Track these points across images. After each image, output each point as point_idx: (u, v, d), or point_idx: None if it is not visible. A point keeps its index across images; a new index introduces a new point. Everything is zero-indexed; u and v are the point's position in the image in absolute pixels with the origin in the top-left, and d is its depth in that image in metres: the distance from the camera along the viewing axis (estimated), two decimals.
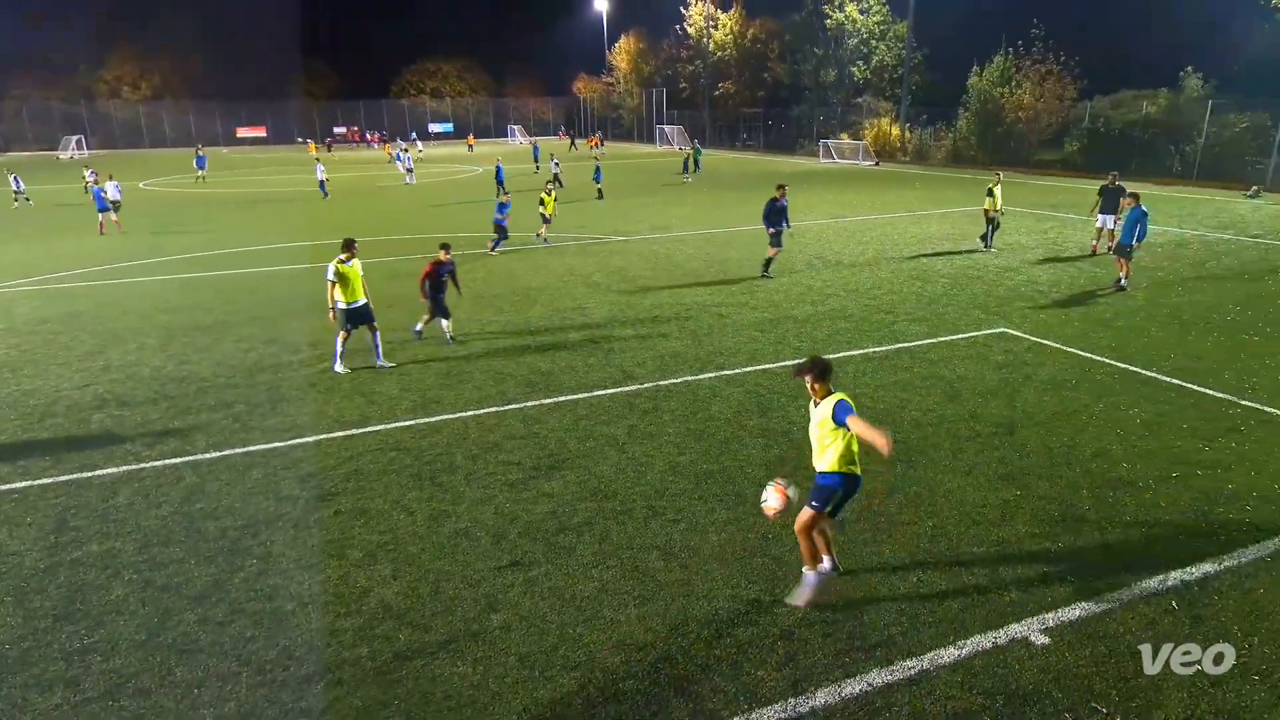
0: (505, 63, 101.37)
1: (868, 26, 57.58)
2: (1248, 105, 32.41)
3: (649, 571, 6.03)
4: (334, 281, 10.45)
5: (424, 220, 26.43)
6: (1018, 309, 13.34)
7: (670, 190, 34.76)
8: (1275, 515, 6.62)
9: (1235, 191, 29.74)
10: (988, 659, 5.00)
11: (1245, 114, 32.35)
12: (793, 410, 9.10)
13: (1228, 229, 21.48)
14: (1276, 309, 13.07)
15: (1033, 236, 20.55)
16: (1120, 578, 5.79)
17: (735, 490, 7.26)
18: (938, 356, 10.95)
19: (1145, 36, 43.64)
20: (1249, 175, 30.62)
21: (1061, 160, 40.43)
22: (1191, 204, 26.84)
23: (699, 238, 21.59)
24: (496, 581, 5.95)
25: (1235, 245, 19.07)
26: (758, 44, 69.46)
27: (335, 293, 10.48)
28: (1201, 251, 18.26)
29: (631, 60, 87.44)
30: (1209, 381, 9.75)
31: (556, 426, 8.84)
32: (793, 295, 14.72)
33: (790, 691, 4.77)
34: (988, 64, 43.02)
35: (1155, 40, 41.99)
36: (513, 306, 14.35)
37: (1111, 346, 11.21)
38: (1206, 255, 17.80)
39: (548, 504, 7.10)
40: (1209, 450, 7.87)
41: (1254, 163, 31.28)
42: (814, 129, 58.07)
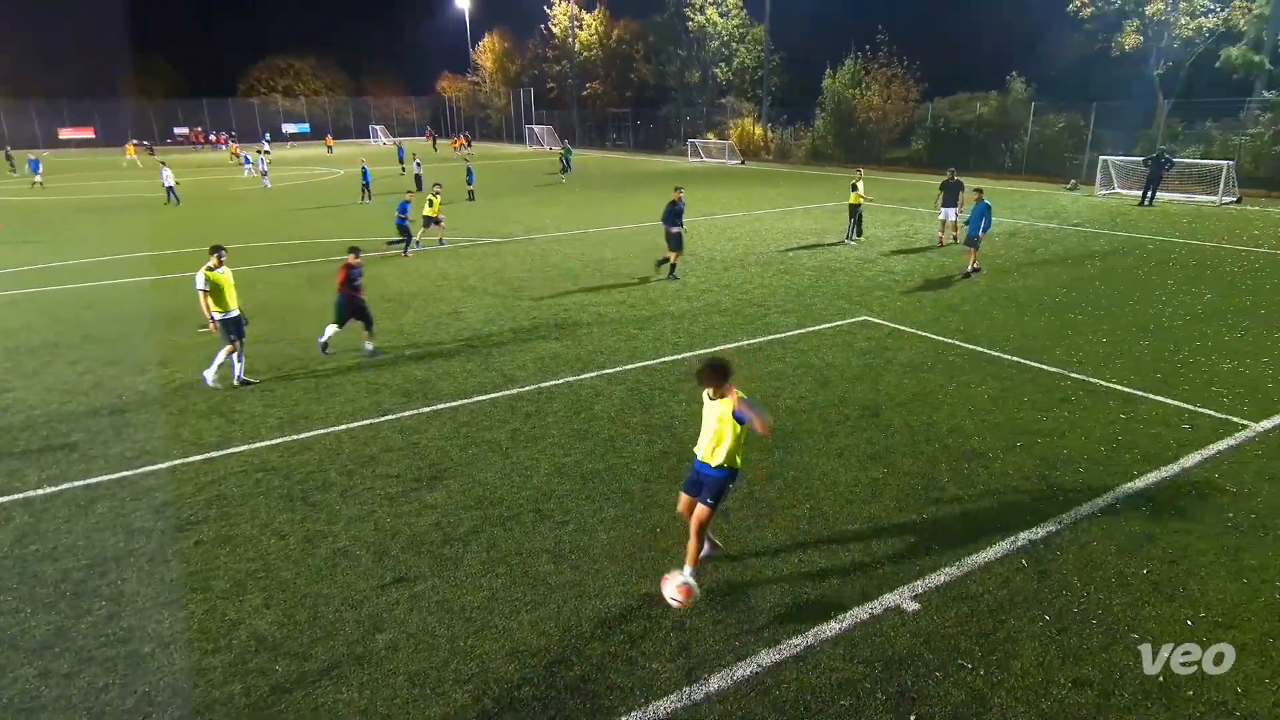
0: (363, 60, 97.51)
1: (728, 29, 59.48)
2: (1064, 107, 35.91)
3: (539, 576, 5.98)
4: (206, 291, 9.71)
5: (282, 226, 24.96)
6: (877, 298, 14.17)
7: (544, 190, 34.55)
8: (1103, 475, 7.38)
9: (1057, 184, 32.89)
10: (865, 629, 5.30)
11: (1063, 115, 35.82)
12: (674, 405, 9.27)
13: (1053, 219, 23.71)
14: (1095, 290, 14.56)
15: (887, 230, 21.89)
16: (978, 542, 6.28)
17: (622, 488, 7.32)
18: (807, 346, 11.47)
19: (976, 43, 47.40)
20: (1068, 170, 33.94)
21: (909, 157, 43.30)
22: (1021, 196, 29.43)
23: (574, 238, 21.58)
24: (380, 600, 5.72)
25: (1059, 233, 21.08)
26: (623, 45, 70.21)
27: (209, 303, 9.76)
28: (1031, 240, 20.05)
29: (496, 59, 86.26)
30: (1043, 358, 10.73)
31: (436, 435, 8.60)
32: (668, 292, 14.99)
33: (685, 681, 4.87)
34: (840, 67, 45.44)
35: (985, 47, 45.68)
36: (384, 314, 13.81)
37: (960, 329, 12.13)
38: (1036, 243, 19.57)
39: (431, 515, 6.90)
40: (1046, 420, 8.67)
41: (1071, 159, 34.69)
42: (681, 129, 59.35)
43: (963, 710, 4.59)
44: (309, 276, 16.93)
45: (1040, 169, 35.57)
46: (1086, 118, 34.39)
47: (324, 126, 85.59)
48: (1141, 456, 7.72)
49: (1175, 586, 5.68)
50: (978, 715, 4.55)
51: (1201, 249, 18.49)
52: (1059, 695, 4.68)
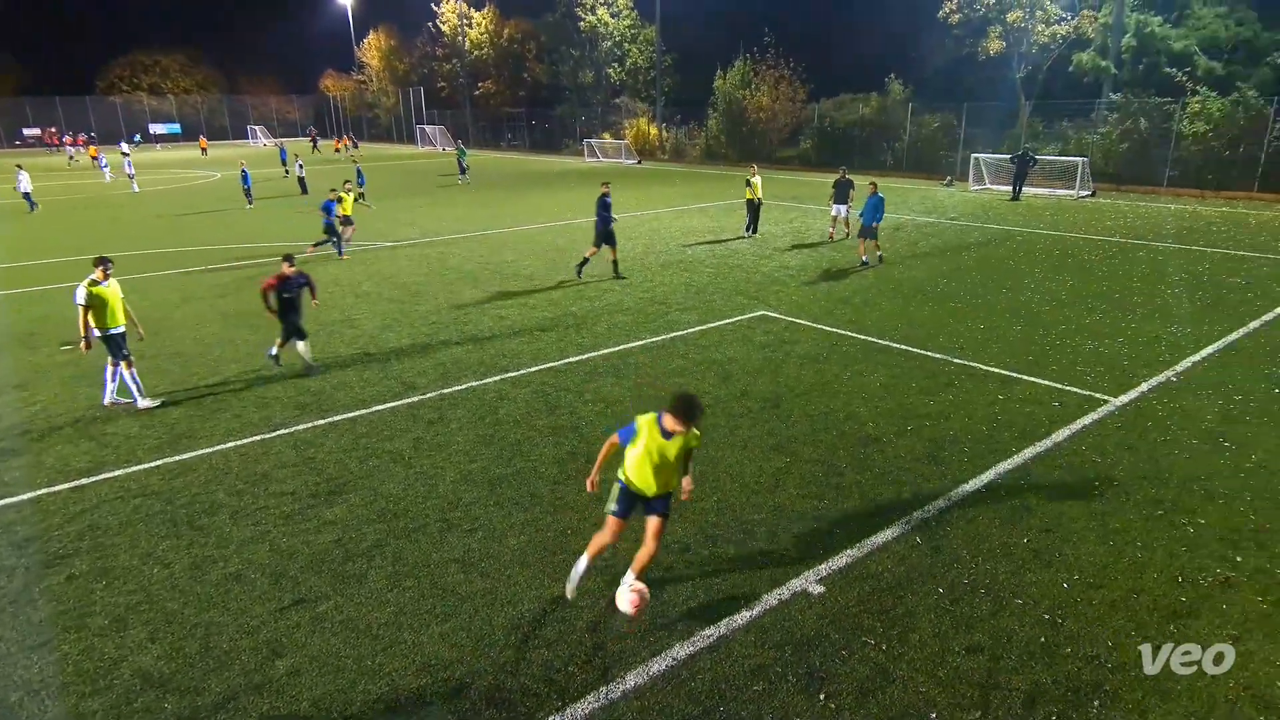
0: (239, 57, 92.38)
1: (619, 30, 59.82)
2: (939, 107, 38.03)
3: (449, 586, 5.84)
4: (86, 306, 8.94)
5: (155, 233, 23.32)
6: (774, 293, 14.60)
7: (440, 192, 33.73)
8: (985, 453, 7.87)
9: (935, 181, 34.81)
10: (775, 615, 5.45)
11: (937, 115, 37.92)
12: (580, 406, 9.25)
13: (932, 213, 25.07)
14: (972, 280, 15.50)
15: (781, 226, 22.58)
16: (875, 522, 6.58)
17: (530, 491, 7.25)
18: (709, 342, 11.68)
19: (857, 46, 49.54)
20: (944, 167, 35.97)
21: (798, 156, 44.77)
22: (903, 193, 30.97)
23: (472, 240, 21.19)
24: (279, 624, 5.45)
25: (938, 227, 22.32)
26: (514, 44, 69.46)
27: (88, 319, 8.99)
28: (914, 233, 21.14)
29: (383, 57, 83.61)
30: (928, 345, 11.34)
31: (334, 448, 8.26)
32: (570, 292, 14.94)
33: (601, 681, 4.87)
34: (729, 68, 46.51)
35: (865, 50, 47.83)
36: (271, 323, 13.13)
37: (852, 321, 12.65)
38: (918, 236, 20.65)
39: (331, 532, 6.62)
40: (933, 404, 9.16)
41: (946, 156, 36.78)
42: (577, 129, 59.27)
43: (868, 684, 4.79)
44: (183, 287, 15.91)
45: (919, 166, 37.54)
46: (959, 117, 36.56)
47: (197, 127, 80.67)
48: (1018, 434, 8.28)
49: (1052, 553, 6.12)
50: (881, 689, 4.76)
51: (1063, 239, 19.99)
52: (954, 663, 4.96)
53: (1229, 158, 28.17)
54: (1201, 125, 28.40)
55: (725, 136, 47.86)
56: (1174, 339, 11.42)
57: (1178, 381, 9.75)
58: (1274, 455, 7.68)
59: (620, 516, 5.35)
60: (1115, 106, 31.90)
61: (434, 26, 74.40)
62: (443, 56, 75.45)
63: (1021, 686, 4.76)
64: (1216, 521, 6.52)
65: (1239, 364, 10.32)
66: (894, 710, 4.60)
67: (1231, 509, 6.72)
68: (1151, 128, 30.14)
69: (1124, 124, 30.98)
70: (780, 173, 40.35)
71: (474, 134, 69.73)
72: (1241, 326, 11.95)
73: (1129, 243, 19.26)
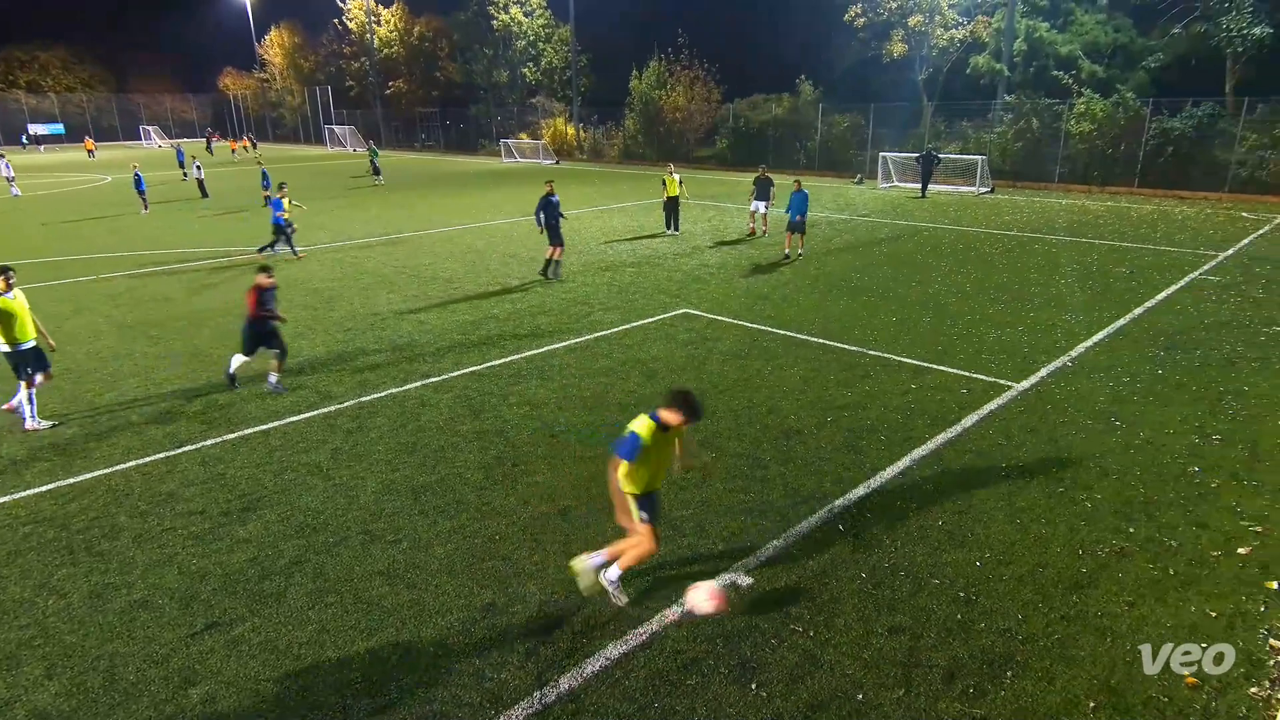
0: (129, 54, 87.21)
1: (533, 29, 59.35)
2: (847, 108, 39.27)
3: (373, 600, 5.68)
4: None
5: (40, 241, 21.77)
6: (695, 290, 14.77)
7: (352, 194, 32.70)
8: (900, 440, 8.17)
9: (846, 179, 35.93)
10: None
11: (846, 115, 39.15)
12: (505, 409, 9.14)
13: (844, 210, 25.87)
14: (883, 274, 16.08)
15: (700, 225, 22.87)
16: (799, 512, 6.74)
17: (456, 498, 7.12)
18: (632, 341, 11.73)
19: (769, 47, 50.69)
20: (854, 165, 37.18)
21: (715, 156, 45.44)
22: (816, 191, 31.78)
23: (387, 244, 20.64)
24: (191, 650, 5.18)
25: (851, 223, 23.05)
26: (425, 42, 67.98)
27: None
28: (828, 230, 21.76)
29: (287, 55, 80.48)
30: (845, 338, 11.70)
31: (246, 463, 7.90)
32: (491, 294, 14.74)
33: (535, 685, 4.83)
34: (645, 69, 46.80)
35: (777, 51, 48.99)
36: (175, 334, 12.49)
37: (771, 316, 12.93)
38: (832, 233, 21.27)
39: (246, 551, 6.33)
40: (851, 394, 9.46)
41: (856, 155, 38.03)
42: (493, 129, 58.50)
43: (798, 671, 4.91)
44: (75, 297, 14.93)
45: (830, 165, 38.66)
46: (866, 117, 37.85)
47: (83, 127, 75.70)
48: (931, 421, 8.64)
49: (965, 533, 6.41)
50: (810, 674, 4.89)
51: (966, 234, 20.96)
52: (878, 644, 5.14)
53: (1112, 155, 30.12)
54: (1087, 125, 30.26)
55: (643, 136, 48.14)
56: (1068, 326, 12.13)
57: (1073, 366, 10.36)
58: (1159, 432, 8.26)
59: (656, 522, 5.46)
60: (1009, 107, 33.65)
61: (340, 23, 72.10)
62: (350, 54, 73.16)
63: (941, 663, 4.97)
64: (1111, 496, 6.97)
65: (1126, 348, 11.05)
66: (823, 694, 4.73)
67: (1124, 483, 7.19)
68: (1043, 127, 31.93)
69: (1018, 124, 32.72)
70: (698, 172, 40.86)
71: (386, 134, 67.94)
72: (1128, 313, 12.80)
73: (1025, 236, 20.35)
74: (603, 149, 51.76)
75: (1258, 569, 5.85)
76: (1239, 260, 16.80)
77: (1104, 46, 35.37)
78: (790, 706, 4.64)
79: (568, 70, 57.23)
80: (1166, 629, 5.22)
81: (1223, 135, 28.11)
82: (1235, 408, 8.85)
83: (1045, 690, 4.72)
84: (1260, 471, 7.34)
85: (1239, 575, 5.78)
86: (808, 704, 4.66)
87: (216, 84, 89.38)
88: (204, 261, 18.35)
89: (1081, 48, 35.02)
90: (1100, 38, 35.28)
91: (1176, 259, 16.99)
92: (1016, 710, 4.58)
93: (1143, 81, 32.73)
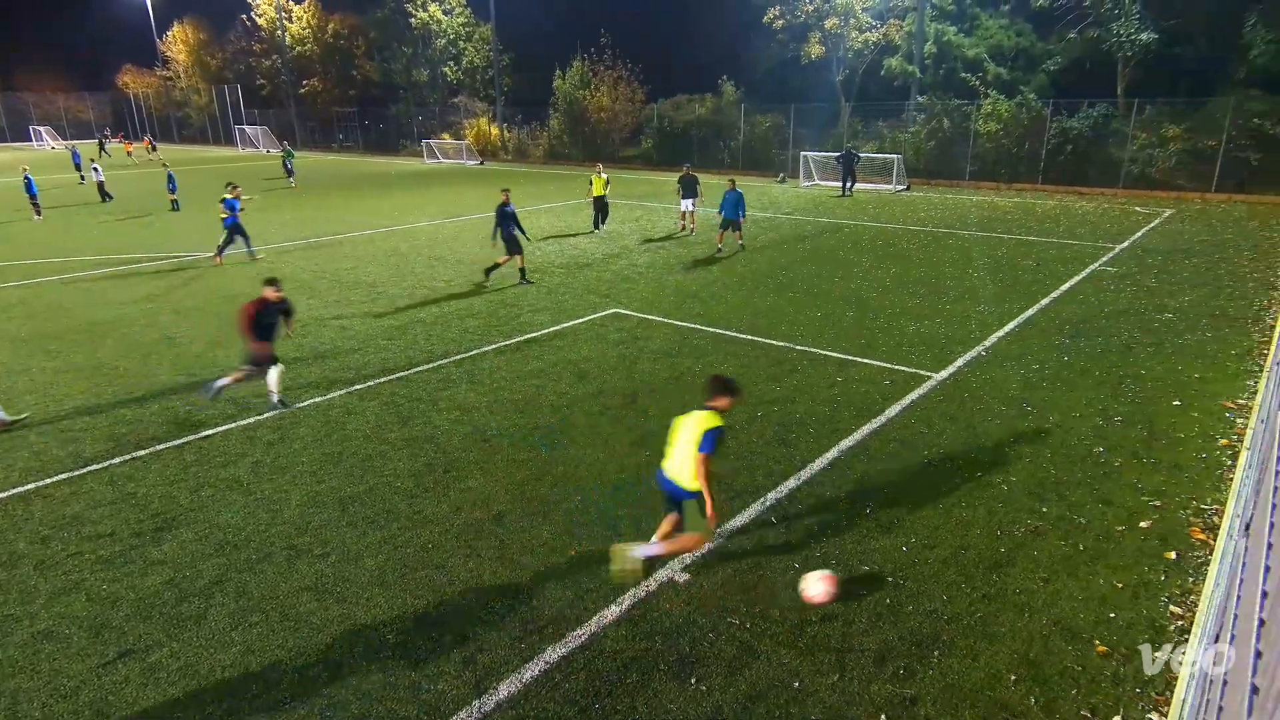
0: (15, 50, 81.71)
1: (453, 27, 58.31)
2: (769, 108, 40.02)
3: (301, 616, 5.49)
4: None
5: None
6: (624, 290, 14.81)
7: (267, 197, 31.43)
8: (828, 432, 8.38)
9: (769, 178, 36.61)
10: (644, 607, 5.55)
11: (768, 115, 39.89)
12: (434, 415, 8.97)
13: (769, 209, 26.35)
14: (808, 271, 16.46)
15: (627, 225, 22.92)
16: (734, 506, 6.84)
17: (386, 508, 6.94)
18: (563, 342, 11.68)
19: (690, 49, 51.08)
20: (776, 165, 37.92)
21: (640, 155, 45.63)
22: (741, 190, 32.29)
23: (305, 248, 19.95)
24: (103, 681, 4.90)
25: (775, 221, 23.50)
26: (341, 40, 65.92)
27: None
28: (753, 228, 22.12)
29: (192, 52, 76.81)
30: (772, 334, 11.92)
31: (158, 481, 7.52)
32: (417, 298, 14.43)
33: (473, 694, 4.76)
34: (569, 68, 46.62)
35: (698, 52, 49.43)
36: (73, 347, 11.77)
37: (700, 314, 13.07)
38: (757, 231, 21.64)
39: (161, 573, 6.02)
40: (779, 389, 9.65)
41: (778, 155, 38.79)
42: (414, 129, 57.25)
43: (736, 663, 4.98)
44: None
45: (754, 164, 39.32)
46: (787, 117, 38.66)
47: None
48: (856, 412, 8.89)
49: (891, 520, 6.62)
50: (748, 665, 4.97)
51: (886, 230, 21.65)
52: (812, 632, 5.26)
53: (1017, 154, 31.59)
54: (993, 125, 31.66)
55: (568, 136, 47.92)
56: (982, 317, 12.67)
57: (987, 355, 10.84)
58: (1067, 416, 8.72)
59: None
60: (922, 108, 34.90)
61: (249, 19, 69.22)
62: (261, 52, 70.32)
63: (872, 646, 5.12)
64: (1025, 478, 7.32)
65: (1035, 337, 11.62)
66: (761, 684, 4.81)
67: (1036, 465, 7.56)
68: (953, 127, 33.25)
69: (930, 124, 33.98)
70: (624, 172, 40.94)
71: (302, 135, 65.63)
72: (1035, 304, 13.46)
73: (940, 232, 21.16)
74: (528, 149, 51.28)
75: (1158, 541, 6.25)
76: (1133, 252, 17.89)
77: (1007, 50, 37.08)
78: (730, 698, 4.71)
79: (490, 70, 56.46)
80: (1079, 601, 5.51)
81: (1116, 135, 29.86)
82: (1134, 391, 9.42)
83: (970, 667, 4.93)
84: (1157, 450, 7.84)
85: (1141, 548, 6.16)
86: (746, 695, 4.73)
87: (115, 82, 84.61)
88: (105, 270, 17.36)
89: (987, 51, 36.62)
90: (1004, 41, 36.97)
91: (1078, 251, 17.96)
92: (944, 688, 4.76)
93: (1043, 84, 34.43)
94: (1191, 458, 7.65)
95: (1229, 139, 26.85)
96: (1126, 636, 5.16)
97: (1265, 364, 10.00)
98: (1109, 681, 4.79)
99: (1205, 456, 7.67)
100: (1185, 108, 29.06)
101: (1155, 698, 4.65)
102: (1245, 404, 8.90)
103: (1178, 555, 6.03)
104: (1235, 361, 10.38)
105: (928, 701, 4.66)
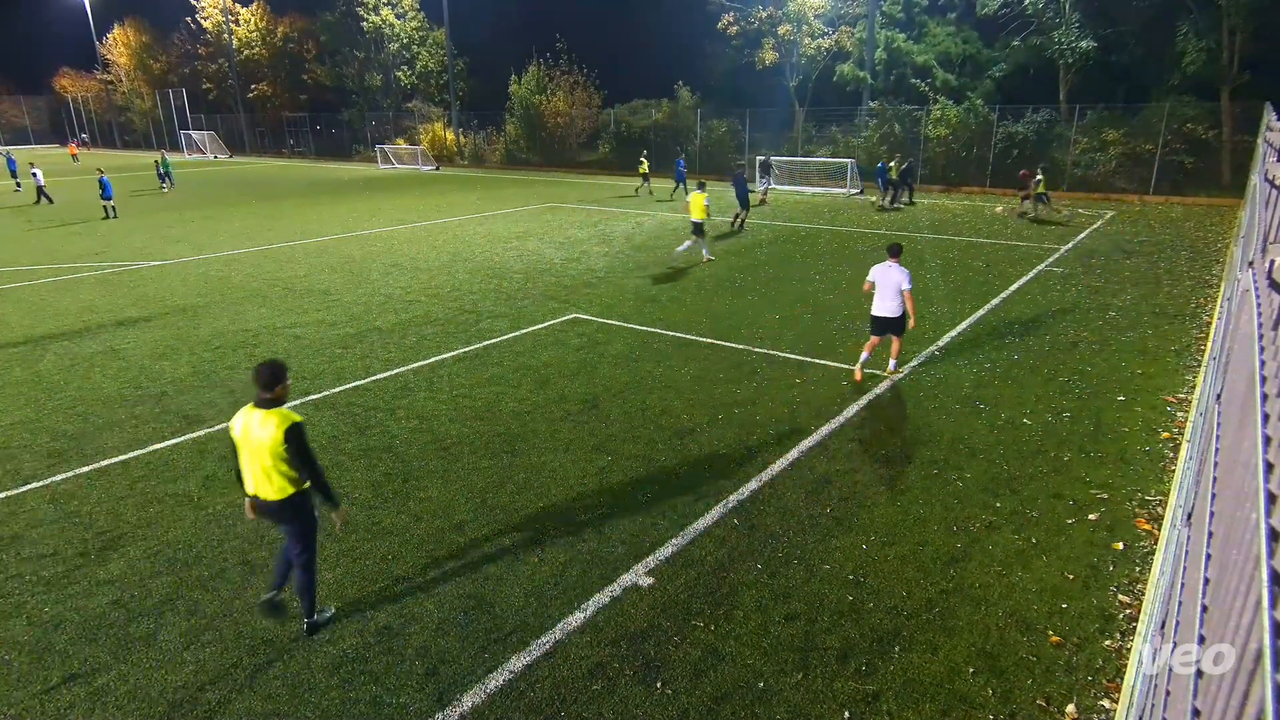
0: None
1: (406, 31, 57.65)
2: (725, 113, 40.37)
3: (257, 634, 5.35)
4: None
5: None
6: (584, 295, 14.78)
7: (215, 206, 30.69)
8: (788, 433, 8.48)
9: (725, 182, 36.88)
10: (608, 612, 5.53)
11: (724, 120, 40.26)
12: (392, 424, 8.83)
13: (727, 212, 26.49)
14: (766, 274, 16.63)
15: (586, 230, 22.89)
16: (696, 509, 6.86)
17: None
18: (523, 348, 11.60)
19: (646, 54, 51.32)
20: (733, 168, 38.25)
21: (598, 160, 45.65)
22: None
23: (256, 255, 19.50)
24: (47, 708, 4.70)
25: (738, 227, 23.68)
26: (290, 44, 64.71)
27: None
28: (711, 231, 22.26)
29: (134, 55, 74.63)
30: (731, 337, 12.01)
31: (104, 498, 7.26)
32: (373, 306, 14.20)
33: (436, 707, 4.69)
34: (524, 73, 46.43)
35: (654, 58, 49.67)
36: (13, 361, 11.31)
37: (660, 318, 13.11)
38: (715, 234, 21.78)
39: (108, 593, 5.82)
40: (740, 391, 9.72)
41: (735, 158, 39.14)
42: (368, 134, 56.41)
43: (701, 665, 5.00)
44: None
45: (711, 168, 39.61)
46: (743, 122, 39.04)
47: None
48: (815, 413, 9.00)
49: (851, 519, 6.72)
50: (713, 667, 4.99)
51: (840, 234, 21.99)
52: (776, 632, 5.30)
53: (966, 158, 32.38)
54: (943, 129, 32.41)
55: (525, 141, 47.71)
56: (935, 317, 12.94)
57: (940, 355, 11.07)
58: (1018, 412, 8.95)
59: None
60: (874, 113, 35.55)
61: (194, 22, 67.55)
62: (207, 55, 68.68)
63: (835, 644, 5.18)
64: (979, 474, 7.49)
65: (985, 336, 11.91)
66: (726, 685, 4.83)
67: (990, 462, 7.74)
68: (904, 131, 33.93)
69: (882, 128, 34.63)
70: (582, 176, 40.90)
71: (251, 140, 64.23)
72: (986, 304, 13.79)
73: (894, 234, 21.55)
74: (484, 154, 50.92)
75: (1105, 532, 6.44)
76: (1078, 253, 18.45)
77: (955, 57, 38.00)
78: (696, 701, 4.71)
79: (444, 74, 55.91)
80: (1032, 593, 5.66)
81: (1059, 139, 30.80)
82: (1080, 387, 9.71)
83: (930, 661, 5.02)
84: (1103, 444, 8.09)
85: (1090, 539, 6.35)
86: (712, 697, 4.75)
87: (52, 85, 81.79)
88: (44, 280, 16.74)
89: (935, 58, 37.48)
90: (951, 49, 37.88)
91: (1026, 253, 18.47)
92: (906, 682, 4.84)
93: (989, 90, 35.36)
94: (1136, 451, 7.92)
95: (1165, 143, 27.91)
96: (1078, 626, 5.31)
97: (1202, 359, 10.40)
98: (1062, 670, 4.92)
99: (1149, 449, 7.94)
100: (1123, 113, 30.14)
101: (1106, 684, 4.79)
102: (1185, 398, 9.25)
103: (1125, 545, 6.23)
104: (1175, 357, 10.77)
105: (889, 696, 4.73)
